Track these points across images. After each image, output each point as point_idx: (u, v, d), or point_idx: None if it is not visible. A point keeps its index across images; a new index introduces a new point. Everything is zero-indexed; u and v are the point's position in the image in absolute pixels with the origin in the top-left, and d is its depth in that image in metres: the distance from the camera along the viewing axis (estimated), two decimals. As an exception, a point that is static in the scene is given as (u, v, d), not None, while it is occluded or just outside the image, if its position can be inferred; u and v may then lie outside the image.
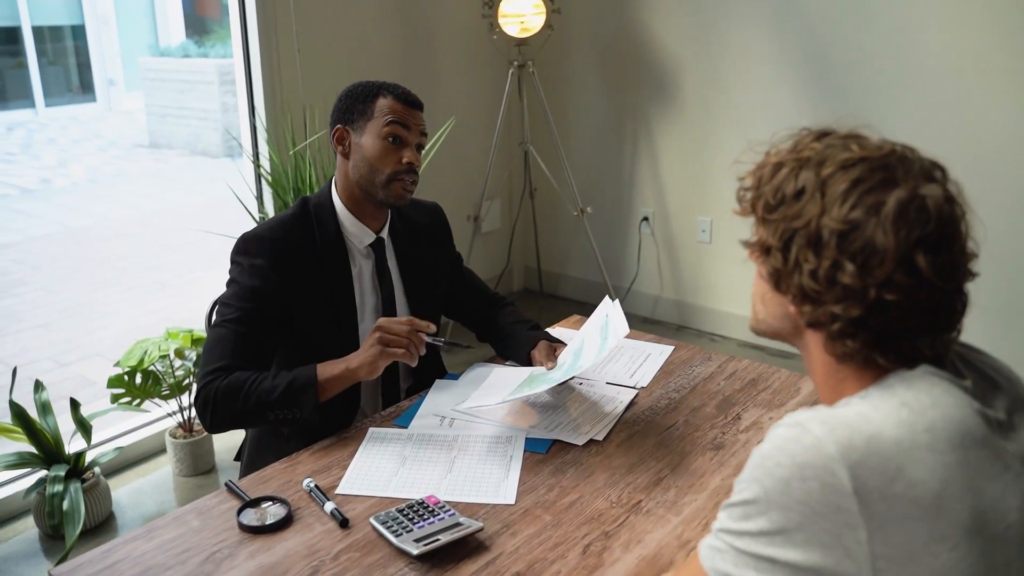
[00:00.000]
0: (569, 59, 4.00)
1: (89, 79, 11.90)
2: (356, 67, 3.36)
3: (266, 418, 1.53)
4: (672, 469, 1.43)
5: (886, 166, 0.84)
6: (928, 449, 0.78)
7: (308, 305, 1.64)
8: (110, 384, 2.66)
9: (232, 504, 1.35)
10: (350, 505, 1.34)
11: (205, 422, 1.55)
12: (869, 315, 0.83)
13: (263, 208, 3.13)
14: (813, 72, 3.31)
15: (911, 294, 0.81)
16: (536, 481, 1.40)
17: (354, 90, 1.69)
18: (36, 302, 4.81)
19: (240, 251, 1.62)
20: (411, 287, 1.79)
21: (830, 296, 0.85)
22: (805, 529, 0.79)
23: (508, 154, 4.15)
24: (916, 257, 0.80)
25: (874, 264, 0.81)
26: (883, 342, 0.85)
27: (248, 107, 3.16)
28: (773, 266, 0.89)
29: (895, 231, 0.80)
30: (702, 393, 1.71)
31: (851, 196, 0.83)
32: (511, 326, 1.87)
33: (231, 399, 1.52)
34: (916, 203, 0.81)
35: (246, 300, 1.59)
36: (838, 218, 0.83)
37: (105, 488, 2.62)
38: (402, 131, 1.65)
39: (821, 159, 0.87)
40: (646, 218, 3.95)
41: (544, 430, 1.55)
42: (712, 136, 3.63)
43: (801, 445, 0.80)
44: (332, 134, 1.70)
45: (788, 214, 0.87)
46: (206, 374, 1.55)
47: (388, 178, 1.65)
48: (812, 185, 0.85)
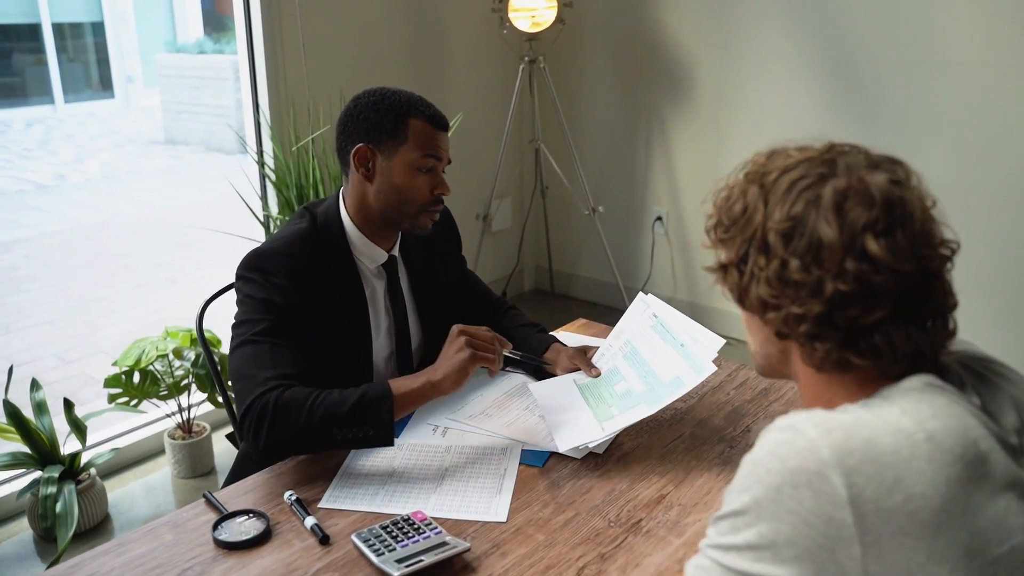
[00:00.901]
0: (581, 54, 3.93)
1: (108, 76, 11.94)
2: (363, 62, 3.29)
3: (332, 437, 1.35)
4: (676, 486, 1.35)
5: (825, 162, 0.85)
6: (928, 460, 0.74)
7: (325, 328, 1.52)
8: (107, 384, 2.61)
9: (209, 517, 1.29)
10: (332, 520, 1.27)
11: (259, 440, 1.36)
12: (832, 311, 0.81)
13: (267, 207, 3.07)
14: (831, 69, 3.22)
15: (868, 281, 0.80)
16: (530, 497, 1.32)
17: (380, 105, 1.52)
18: (44, 298, 4.79)
19: (253, 267, 1.49)
20: (423, 304, 1.70)
21: (788, 298, 0.84)
22: (796, 543, 0.74)
23: (518, 152, 4.08)
24: (865, 242, 0.79)
25: (824, 256, 0.81)
26: (854, 338, 0.82)
27: (252, 103, 3.10)
28: (734, 283, 0.89)
29: (837, 219, 0.80)
30: (710, 403, 1.62)
31: (791, 195, 0.84)
32: (518, 330, 1.79)
33: (292, 413, 1.34)
34: (857, 189, 0.81)
35: (270, 312, 1.45)
36: (780, 218, 0.83)
37: (101, 490, 2.57)
38: (435, 161, 1.53)
39: (764, 171, 0.88)
40: (660, 218, 3.88)
41: (542, 441, 1.47)
42: (728, 134, 3.54)
43: (793, 449, 0.76)
44: (352, 152, 1.53)
45: (739, 230, 0.87)
46: (256, 386, 1.37)
47: (419, 210, 1.55)
48: (756, 196, 0.86)
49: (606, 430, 1.43)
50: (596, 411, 1.49)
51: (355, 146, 1.52)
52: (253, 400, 1.36)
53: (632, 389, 1.50)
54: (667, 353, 1.50)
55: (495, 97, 3.89)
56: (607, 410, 1.48)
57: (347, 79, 3.16)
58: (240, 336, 1.45)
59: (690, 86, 3.62)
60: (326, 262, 1.54)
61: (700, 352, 1.45)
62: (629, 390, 1.50)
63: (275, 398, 1.35)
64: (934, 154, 2.99)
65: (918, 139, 3.01)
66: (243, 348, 1.44)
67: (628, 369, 1.54)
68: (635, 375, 1.52)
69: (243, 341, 1.44)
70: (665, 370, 1.48)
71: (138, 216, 6.73)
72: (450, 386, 1.41)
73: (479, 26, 3.74)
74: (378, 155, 1.52)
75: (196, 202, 7.02)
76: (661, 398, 1.44)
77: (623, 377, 1.53)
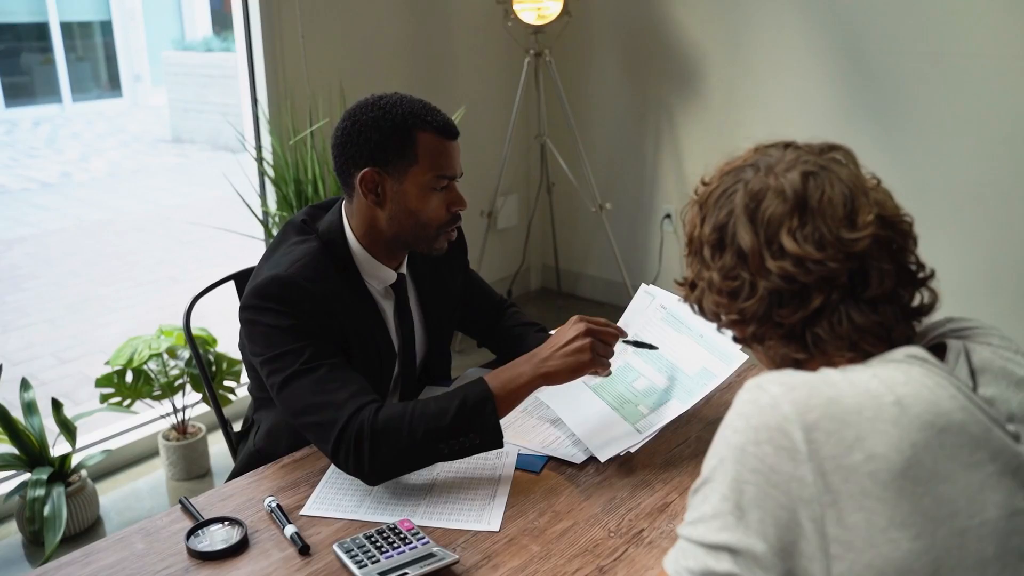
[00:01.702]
0: (588, 47, 3.85)
1: (116, 75, 11.93)
2: (363, 54, 3.22)
3: (437, 452, 1.26)
4: (680, 493, 1.27)
5: (746, 167, 0.88)
6: (893, 423, 0.73)
7: (352, 354, 1.40)
8: (98, 383, 2.55)
9: (184, 524, 1.21)
10: (315, 528, 1.20)
11: (363, 466, 1.24)
12: (769, 310, 0.84)
13: (266, 204, 3.00)
14: (846, 63, 3.14)
15: (793, 277, 0.82)
16: (525, 504, 1.24)
17: (383, 123, 1.36)
18: (45, 297, 4.74)
19: (272, 296, 1.33)
20: (431, 319, 1.60)
21: (730, 305, 0.87)
22: (760, 505, 0.74)
23: (524, 147, 4.01)
24: (782, 239, 0.82)
25: (749, 260, 0.84)
26: (799, 333, 0.84)
27: (250, 97, 3.03)
28: (694, 298, 0.93)
29: (751, 223, 0.84)
30: (718, 405, 1.54)
31: (716, 208, 0.88)
32: (514, 329, 1.71)
33: (393, 432, 1.23)
34: (770, 189, 0.84)
35: (307, 338, 1.32)
36: (708, 232, 0.88)
37: (92, 492, 2.50)
38: (450, 178, 1.41)
39: (704, 190, 0.92)
40: (668, 215, 3.80)
41: (540, 445, 1.39)
42: (739, 130, 3.46)
43: (758, 407, 0.77)
44: (357, 178, 1.38)
45: (691, 249, 0.92)
46: (338, 411, 1.25)
47: (437, 231, 1.43)
48: (696, 214, 0.92)
49: (643, 432, 1.35)
50: (623, 412, 1.41)
51: (360, 171, 1.38)
52: (344, 426, 1.24)
53: (655, 385, 1.42)
54: (685, 344, 1.42)
55: (500, 91, 3.81)
56: (635, 410, 1.40)
57: (347, 72, 3.10)
58: (285, 369, 1.31)
59: (700, 80, 3.54)
60: (340, 284, 1.41)
61: (724, 341, 1.36)
62: (652, 386, 1.42)
63: (369, 419, 1.24)
64: (952, 150, 2.91)
65: (935, 135, 2.93)
66: (297, 380, 1.30)
67: (644, 365, 1.46)
68: (653, 370, 1.44)
69: (293, 373, 1.30)
70: (688, 362, 1.40)
71: (142, 214, 6.68)
72: (561, 383, 1.33)
73: (483, 18, 3.66)
74: (387, 179, 1.38)
75: (201, 200, 6.97)
76: (693, 392, 1.36)
77: (640, 373, 1.45)
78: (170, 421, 2.73)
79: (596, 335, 1.33)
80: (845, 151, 0.88)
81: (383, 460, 1.24)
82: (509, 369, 1.32)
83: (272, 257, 1.44)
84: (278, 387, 1.32)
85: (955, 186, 2.94)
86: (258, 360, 1.36)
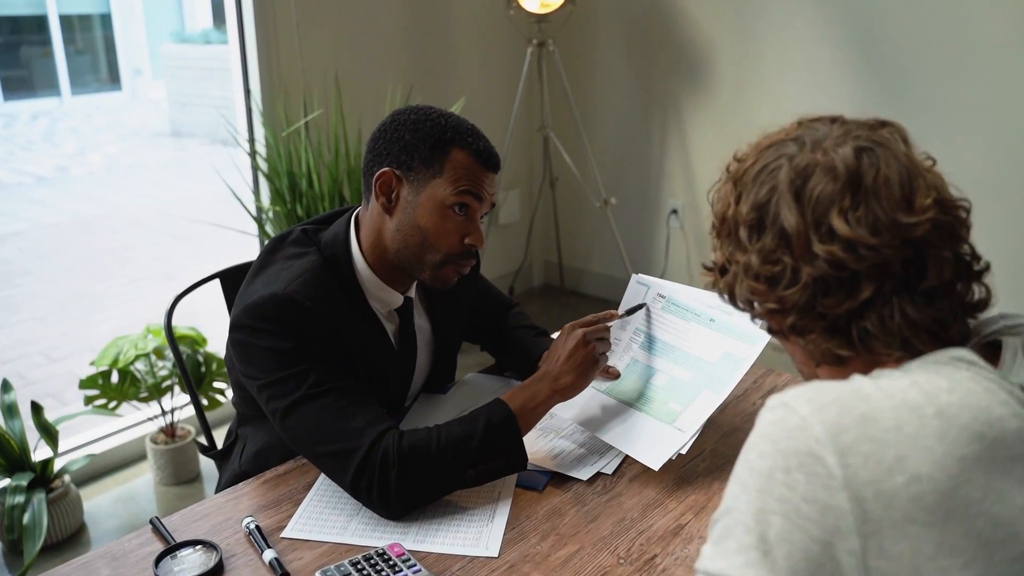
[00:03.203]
0: (593, 38, 3.75)
1: (116, 68, 11.84)
2: (361, 42, 3.11)
3: (464, 477, 1.17)
4: (696, 513, 1.16)
5: (790, 142, 0.80)
6: (937, 438, 0.66)
7: (356, 378, 1.28)
8: (82, 385, 2.45)
9: (154, 548, 1.11)
10: (297, 553, 1.10)
11: (387, 499, 1.14)
12: (812, 299, 0.76)
13: (259, 199, 2.90)
14: (858, 53, 3.03)
15: (842, 263, 0.73)
16: (527, 527, 1.14)
17: (421, 127, 1.26)
18: (37, 293, 4.65)
19: (267, 317, 1.21)
20: (440, 341, 1.49)
21: (768, 293, 0.79)
22: (789, 539, 0.65)
23: (526, 140, 3.91)
24: (831, 220, 0.74)
25: (792, 243, 0.76)
26: (844, 326, 0.76)
27: (243, 88, 2.92)
28: (724, 285, 0.85)
29: (797, 202, 0.76)
30: (734, 414, 1.43)
31: (755, 184, 0.79)
32: (514, 332, 1.60)
33: (421, 460, 1.14)
34: (813, 168, 0.76)
35: (308, 359, 1.20)
36: (746, 211, 0.80)
37: (76, 498, 2.40)
38: (474, 201, 1.27)
39: (741, 163, 0.83)
40: (675, 210, 3.71)
41: (542, 458, 1.29)
42: (748, 123, 3.36)
43: (785, 429, 0.69)
44: (375, 176, 1.27)
45: (723, 230, 0.84)
46: (355, 439, 1.15)
47: (443, 259, 1.29)
48: (730, 192, 0.83)
49: (685, 429, 1.25)
50: (652, 413, 1.30)
51: (380, 169, 1.26)
52: (365, 456, 1.14)
53: (677, 377, 1.31)
54: (697, 332, 1.32)
55: (501, 82, 3.70)
56: (666, 408, 1.29)
57: (343, 61, 2.99)
58: (289, 395, 1.19)
59: (708, 71, 3.45)
60: (343, 303, 1.29)
61: (740, 322, 1.27)
62: (673, 379, 1.32)
63: (394, 447, 1.14)
64: (967, 142, 2.80)
65: (950, 126, 2.83)
66: (304, 407, 1.18)
67: (656, 359, 1.36)
68: (669, 363, 1.34)
69: (299, 399, 1.18)
70: (707, 350, 1.30)
71: (138, 210, 6.58)
72: (577, 393, 1.28)
73: (484, 6, 3.56)
74: (405, 184, 1.26)
75: (198, 195, 6.87)
76: (722, 379, 1.27)
77: (656, 369, 1.35)
78: (158, 424, 2.63)
79: (592, 337, 1.27)
80: (897, 127, 0.81)
81: (412, 488, 1.15)
82: (524, 389, 1.25)
83: (265, 271, 1.30)
84: (282, 414, 1.20)
85: (977, 179, 2.83)
86: (255, 385, 1.24)
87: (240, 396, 1.42)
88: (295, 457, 1.31)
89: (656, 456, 1.23)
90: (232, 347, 1.29)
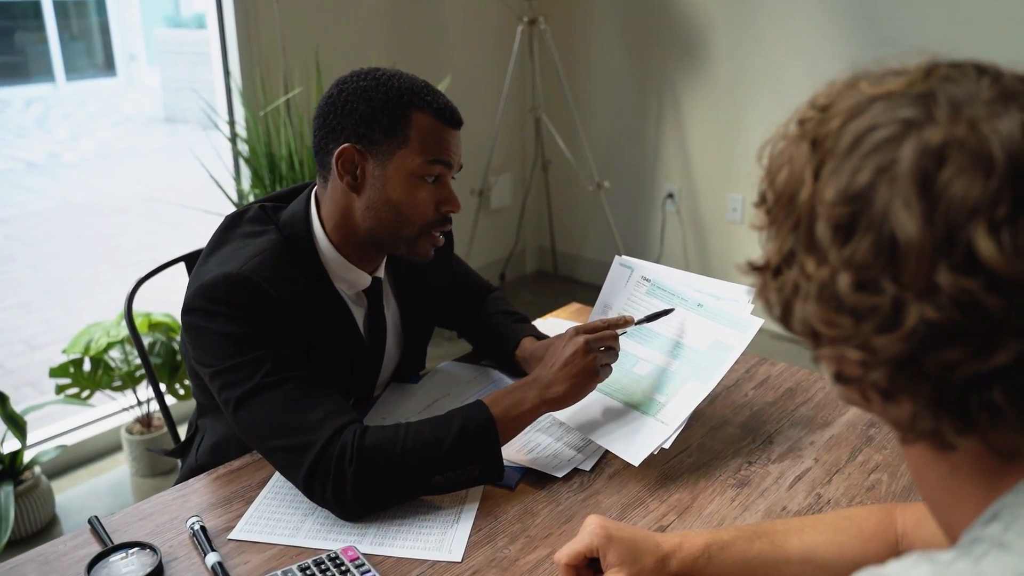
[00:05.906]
0: (586, 15, 3.65)
1: (110, 54, 11.73)
2: (343, 19, 3.01)
3: (430, 483, 1.09)
4: (679, 514, 1.07)
5: (917, 98, 0.51)
6: None
7: (317, 366, 1.20)
8: (53, 373, 2.36)
9: (91, 550, 1.03)
10: (244, 556, 1.01)
11: (343, 498, 1.05)
12: (918, 353, 0.49)
13: (240, 182, 2.80)
14: (862, 31, 2.94)
15: (980, 304, 0.46)
16: (495, 528, 1.05)
17: (374, 94, 1.17)
18: (21, 280, 4.56)
19: (219, 299, 1.12)
20: (409, 326, 1.40)
21: (846, 329, 0.51)
22: None
23: (517, 122, 3.81)
24: (974, 238, 0.46)
25: (902, 264, 0.48)
26: (959, 398, 0.49)
27: (222, 68, 2.83)
28: (781, 296, 0.56)
29: (923, 200, 0.47)
30: (724, 406, 1.34)
31: (853, 157, 0.51)
32: (491, 318, 1.51)
33: (383, 460, 1.06)
34: (963, 145, 0.47)
35: (264, 344, 1.12)
36: (834, 199, 0.51)
37: (47, 491, 2.32)
38: (444, 169, 1.20)
39: (823, 116, 0.54)
40: (671, 194, 3.62)
41: (516, 453, 1.20)
42: (747, 105, 3.28)
43: None
44: (334, 154, 1.18)
45: (783, 211, 0.55)
46: (311, 434, 1.06)
47: (419, 232, 1.22)
48: (805, 158, 0.54)
49: (669, 423, 1.16)
50: (635, 405, 1.22)
51: (339, 146, 1.18)
52: (322, 450, 1.06)
53: (663, 367, 1.23)
54: (684, 318, 1.24)
55: (490, 61, 3.59)
56: (649, 399, 1.21)
57: (325, 38, 2.89)
58: (242, 384, 1.11)
59: (706, 51, 3.35)
60: (304, 285, 1.20)
61: (731, 307, 1.20)
62: (657, 369, 1.23)
63: (353, 444, 1.06)
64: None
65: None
66: (258, 397, 1.10)
67: (639, 347, 1.27)
68: (652, 351, 1.25)
69: (253, 388, 1.10)
70: (694, 337, 1.22)
71: (128, 196, 6.48)
72: (569, 405, 1.18)
73: (474, -17, 3.45)
74: (369, 159, 1.18)
75: (188, 181, 6.76)
76: (710, 369, 1.18)
77: (638, 357, 1.26)
78: (134, 414, 2.55)
79: (597, 346, 1.16)
80: None
81: (369, 489, 1.06)
82: (510, 394, 1.15)
83: (221, 250, 1.21)
84: (234, 405, 1.11)
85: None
86: (207, 372, 1.15)
87: (197, 385, 1.33)
88: (252, 451, 1.23)
89: (636, 451, 1.14)
90: (185, 331, 1.19)
